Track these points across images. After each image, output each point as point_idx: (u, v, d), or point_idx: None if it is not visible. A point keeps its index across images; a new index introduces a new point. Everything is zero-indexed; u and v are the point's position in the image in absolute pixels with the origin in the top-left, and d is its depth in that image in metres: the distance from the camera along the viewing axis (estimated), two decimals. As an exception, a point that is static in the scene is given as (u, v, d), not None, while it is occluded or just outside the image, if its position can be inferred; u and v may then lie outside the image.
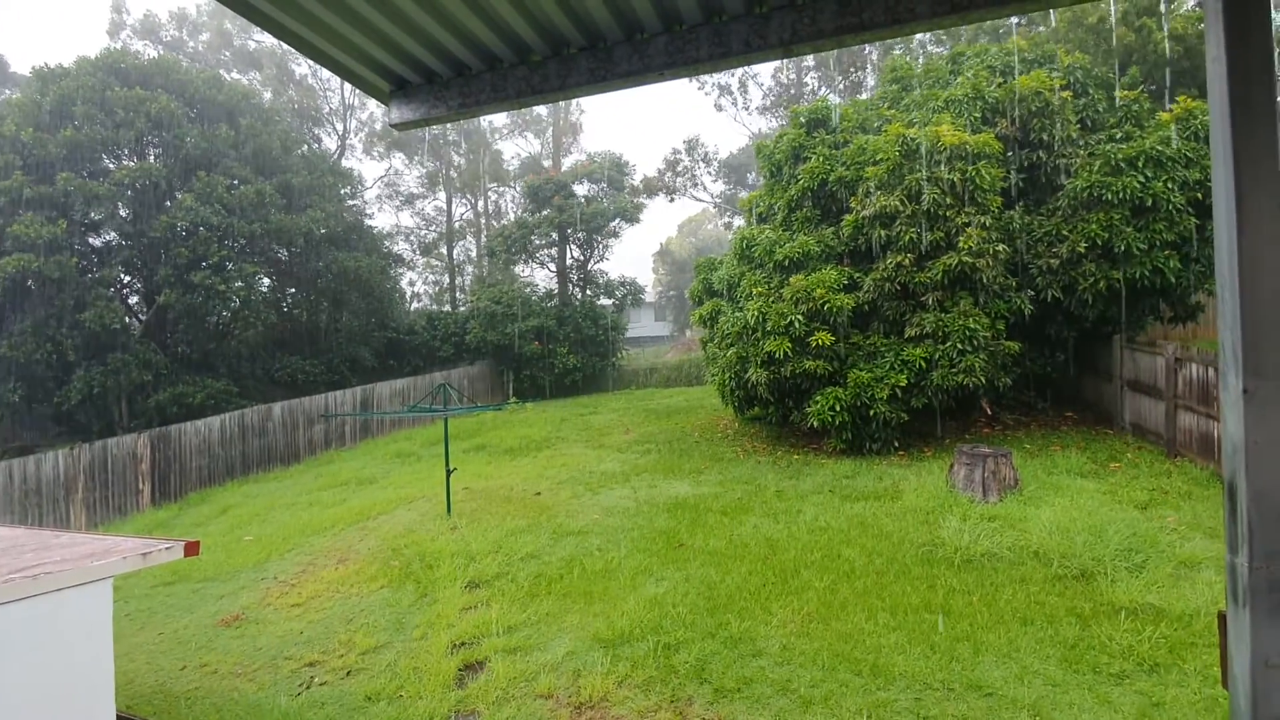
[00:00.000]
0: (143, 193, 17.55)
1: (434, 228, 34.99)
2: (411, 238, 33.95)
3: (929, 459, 10.68)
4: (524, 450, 14.75)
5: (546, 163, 34.46)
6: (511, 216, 35.33)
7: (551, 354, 23.89)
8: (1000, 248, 10.63)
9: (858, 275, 11.62)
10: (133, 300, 18.99)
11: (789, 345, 11.08)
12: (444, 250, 34.98)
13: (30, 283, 15.95)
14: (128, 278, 18.57)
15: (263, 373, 20.00)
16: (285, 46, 27.80)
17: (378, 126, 33.39)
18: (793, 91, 31.29)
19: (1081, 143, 11.61)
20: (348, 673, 6.22)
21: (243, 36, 29.50)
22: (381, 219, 31.72)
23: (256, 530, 11.03)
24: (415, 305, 31.98)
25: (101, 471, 13.41)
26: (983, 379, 10.37)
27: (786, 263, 12.09)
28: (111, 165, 17.87)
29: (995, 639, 5.26)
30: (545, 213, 26.16)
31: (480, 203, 36.56)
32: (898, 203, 10.95)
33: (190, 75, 20.22)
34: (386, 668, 6.15)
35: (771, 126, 33.05)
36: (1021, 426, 11.89)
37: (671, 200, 34.67)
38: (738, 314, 12.48)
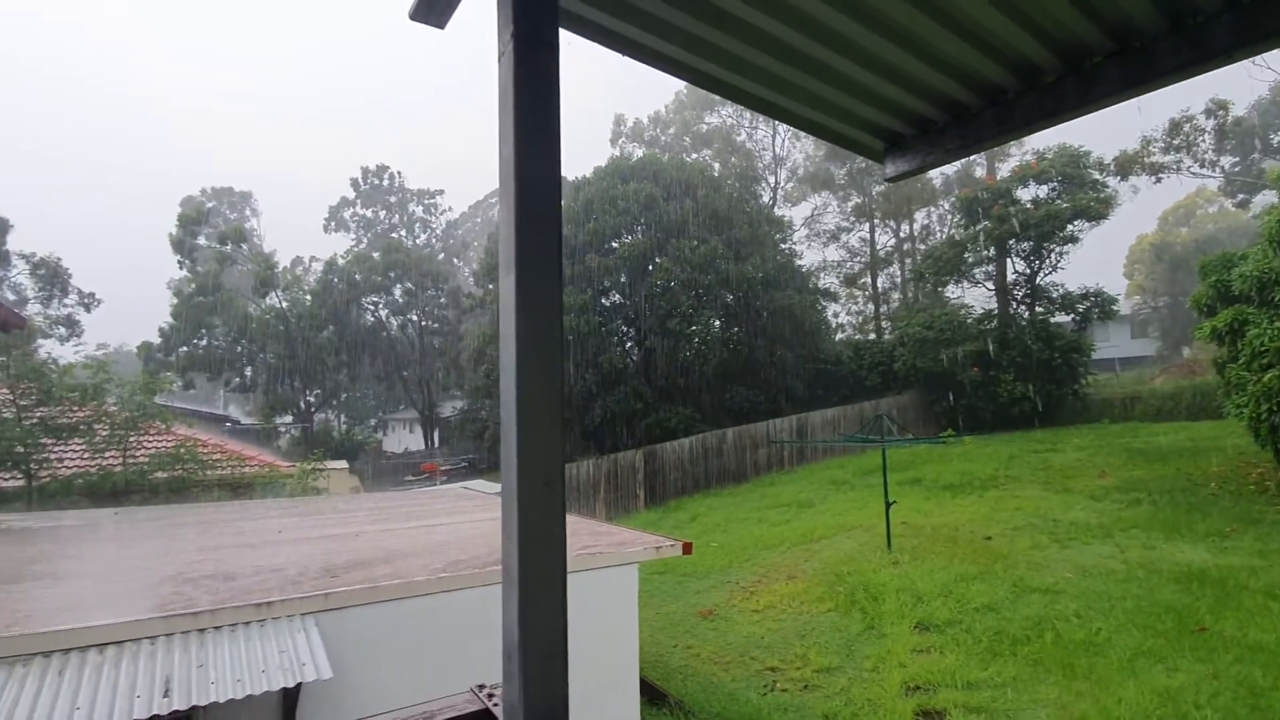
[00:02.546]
0: (634, 262, 22.72)
1: (858, 259, 35.39)
2: (837, 271, 35.02)
3: None
4: (966, 488, 13.63)
5: (979, 172, 31.45)
6: (939, 236, 33.27)
7: (993, 381, 21.43)
8: None
9: None
10: (629, 345, 24.52)
11: (1388, 369, 7.70)
12: (867, 279, 35.00)
13: (570, 337, 22.17)
14: (626, 328, 24.12)
15: (717, 401, 23.30)
16: (729, 122, 32.24)
17: (800, 172, 35.73)
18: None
19: None
20: (805, 686, 6.77)
21: (696, 122, 35.50)
22: (809, 256, 33.43)
23: (719, 539, 12.85)
24: (840, 336, 32.68)
25: (613, 477, 17.60)
26: None
27: (1375, 250, 8.48)
28: (615, 244, 23.57)
29: None
30: (981, 226, 23.86)
31: (905, 227, 35.47)
32: None
33: (663, 164, 25.37)
34: (840, 691, 6.48)
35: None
36: None
37: (1158, 180, 27.15)
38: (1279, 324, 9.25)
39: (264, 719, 3.96)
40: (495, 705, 1.33)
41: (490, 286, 26.37)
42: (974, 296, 26.68)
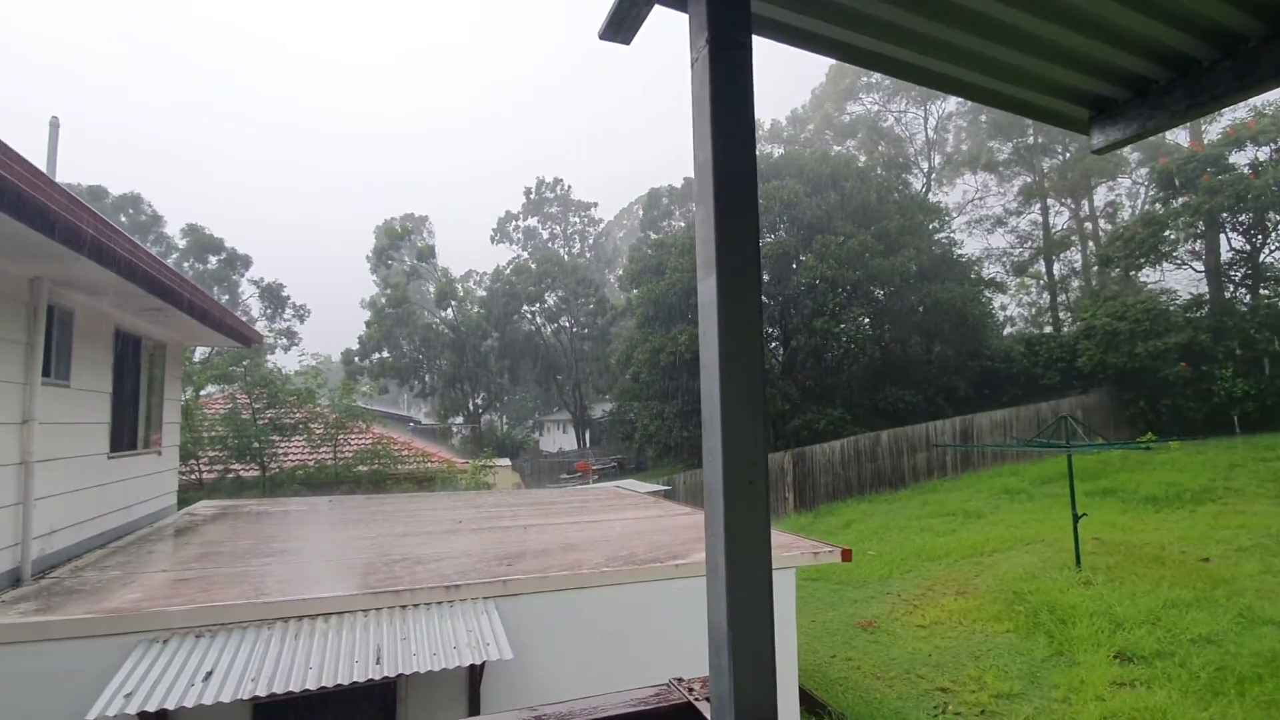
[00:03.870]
0: (778, 260, 22.26)
1: (1028, 244, 32.05)
2: (1003, 259, 31.98)
3: None
4: (1173, 500, 11.93)
5: (1180, 137, 27.22)
6: (1130, 213, 29.29)
7: (1206, 377, 18.45)
8: None
9: None
10: (773, 345, 24.02)
11: None
12: (1040, 267, 31.60)
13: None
14: (770, 329, 23.68)
15: (869, 402, 22.16)
16: (875, 109, 30.62)
17: (955, 155, 33.01)
18: None
19: None
20: (981, 711, 6.24)
21: (838, 114, 34.07)
22: (970, 244, 30.70)
23: (876, 546, 12.20)
24: (1009, 330, 29.79)
25: (761, 480, 17.35)
26: None
27: None
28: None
29: None
30: (1184, 200, 20.64)
31: (1084, 205, 31.58)
32: None
33: (804, 160, 24.60)
34: (1026, 720, 5.90)
35: None
36: None
37: None
38: None
39: (452, 692, 4.35)
40: (697, 699, 1.36)
41: (635, 291, 27.04)
42: (1176, 280, 23.20)
